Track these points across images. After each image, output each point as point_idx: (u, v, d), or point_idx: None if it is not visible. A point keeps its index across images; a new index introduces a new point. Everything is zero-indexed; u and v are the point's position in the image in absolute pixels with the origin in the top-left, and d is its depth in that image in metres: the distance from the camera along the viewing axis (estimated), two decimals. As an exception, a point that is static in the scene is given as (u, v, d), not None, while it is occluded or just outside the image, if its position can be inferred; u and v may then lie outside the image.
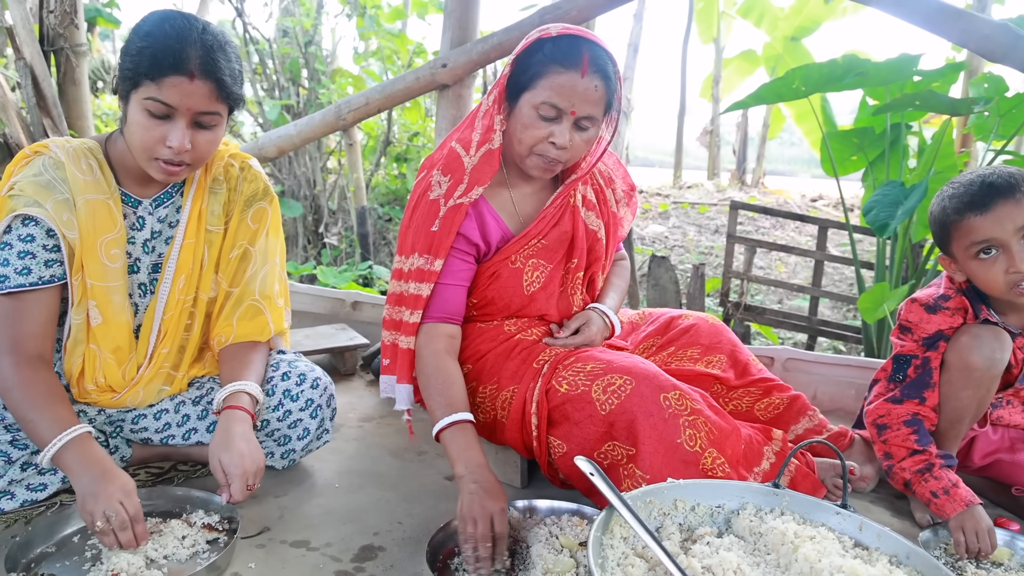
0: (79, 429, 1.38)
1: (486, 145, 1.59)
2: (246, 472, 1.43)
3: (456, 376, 1.58)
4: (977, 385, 1.62)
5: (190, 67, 1.36)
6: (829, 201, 10.00)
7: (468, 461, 1.43)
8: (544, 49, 1.51)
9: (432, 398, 1.54)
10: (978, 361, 1.60)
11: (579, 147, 1.57)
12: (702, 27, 10.52)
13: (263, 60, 6.28)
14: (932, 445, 1.63)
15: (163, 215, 1.63)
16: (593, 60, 1.49)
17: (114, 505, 1.28)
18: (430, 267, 1.59)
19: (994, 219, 1.51)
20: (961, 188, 1.56)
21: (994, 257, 1.54)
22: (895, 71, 3.38)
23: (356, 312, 3.00)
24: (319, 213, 6.66)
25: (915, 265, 3.80)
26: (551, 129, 1.52)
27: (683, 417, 1.43)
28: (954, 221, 1.58)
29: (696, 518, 1.26)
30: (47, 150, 1.51)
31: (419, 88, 3.14)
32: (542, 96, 1.49)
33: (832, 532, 1.18)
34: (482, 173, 1.59)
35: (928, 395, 1.66)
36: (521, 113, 1.54)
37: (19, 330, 1.44)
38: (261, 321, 1.69)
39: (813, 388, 2.47)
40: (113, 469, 1.35)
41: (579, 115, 1.51)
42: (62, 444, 1.35)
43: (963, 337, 1.64)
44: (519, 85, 1.54)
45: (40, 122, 3.32)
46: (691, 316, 1.95)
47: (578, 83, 1.48)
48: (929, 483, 1.59)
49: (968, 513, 1.52)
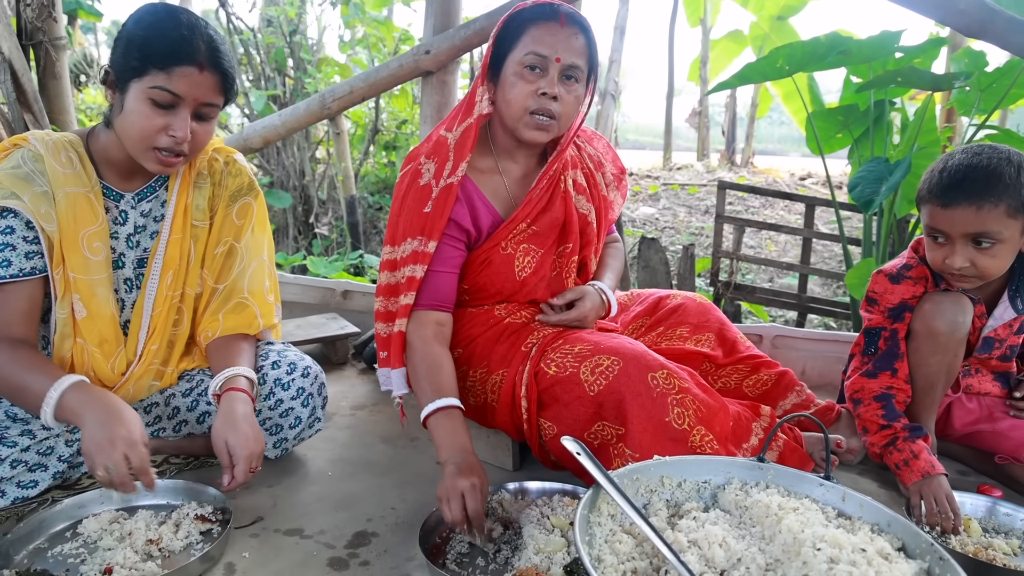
0: (74, 377, 1.38)
1: (466, 120, 1.61)
2: (252, 454, 1.44)
3: (445, 362, 1.58)
4: (944, 350, 1.68)
5: (200, 58, 1.40)
6: (818, 179, 10.03)
7: (452, 446, 1.44)
8: (522, 14, 1.55)
9: (420, 384, 1.55)
10: (941, 326, 1.66)
11: (569, 103, 1.58)
12: (689, 9, 10.46)
13: (248, 50, 6.23)
14: (901, 419, 1.67)
15: (146, 209, 1.62)
16: (570, 16, 1.54)
17: (115, 457, 1.27)
18: (424, 248, 1.60)
19: (949, 216, 1.57)
20: (944, 173, 1.58)
21: (940, 244, 1.62)
22: (877, 48, 3.40)
23: (347, 301, 3.01)
24: (309, 203, 6.64)
25: (901, 240, 3.82)
26: (538, 83, 1.54)
27: (671, 396, 1.45)
28: (922, 198, 1.64)
29: (683, 494, 1.27)
30: (26, 143, 1.51)
31: (403, 75, 3.13)
32: (525, 49, 1.53)
33: (816, 503, 1.19)
34: (462, 147, 1.60)
35: (899, 366, 1.72)
36: (507, 75, 1.57)
37: (2, 318, 1.45)
38: (249, 314, 1.69)
39: (801, 364, 2.49)
40: (121, 411, 1.33)
41: (564, 63, 1.53)
42: (60, 392, 1.35)
43: (925, 305, 1.70)
44: (502, 54, 1.57)
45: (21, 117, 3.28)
46: (679, 296, 1.97)
47: (558, 31, 1.52)
48: (894, 455, 1.64)
49: (925, 481, 1.55)
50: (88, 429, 1.30)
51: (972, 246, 1.57)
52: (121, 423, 1.31)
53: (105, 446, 1.28)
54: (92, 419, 1.31)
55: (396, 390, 1.65)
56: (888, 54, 3.48)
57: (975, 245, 1.57)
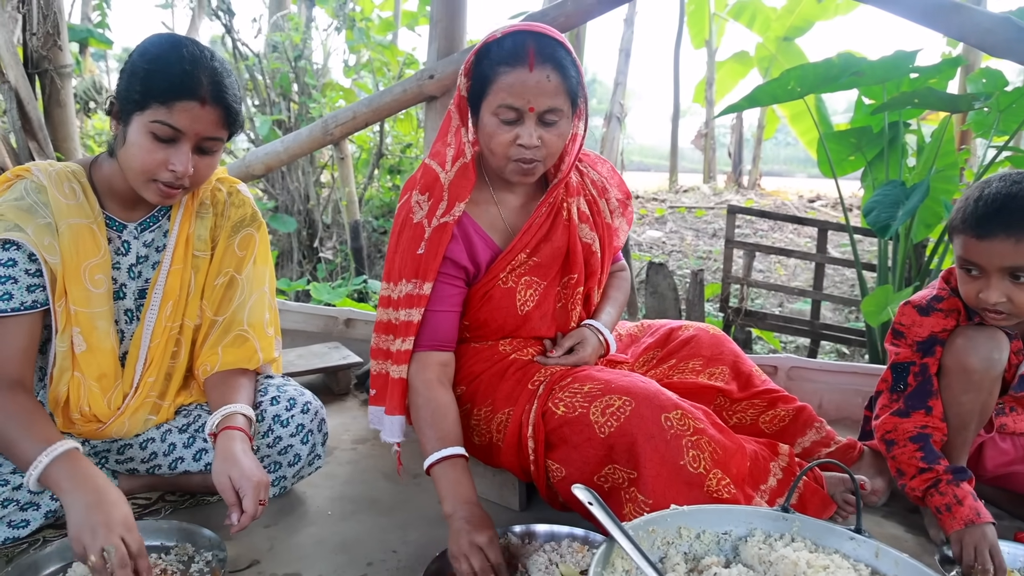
0: (66, 444, 1.32)
1: (460, 160, 1.55)
2: (259, 483, 1.38)
3: (449, 407, 1.52)
4: (978, 388, 1.58)
5: (202, 93, 1.37)
6: (827, 201, 9.98)
7: (457, 498, 1.39)
8: (491, 53, 1.47)
9: (423, 430, 1.50)
10: (975, 363, 1.56)
11: (553, 143, 1.50)
12: (694, 31, 10.52)
13: (253, 76, 6.25)
14: (941, 461, 1.58)
15: (149, 239, 1.60)
16: (540, 51, 1.43)
17: (114, 540, 1.20)
18: (419, 291, 1.54)
19: (985, 248, 1.48)
20: (980, 202, 1.50)
21: (974, 277, 1.53)
22: (891, 69, 3.33)
23: (350, 330, 2.96)
24: (314, 228, 6.63)
25: (918, 266, 3.75)
26: (515, 132, 1.47)
27: (686, 438, 1.38)
28: (955, 228, 1.56)
29: (702, 546, 1.20)
30: (29, 174, 1.50)
31: (407, 100, 3.09)
32: (497, 100, 1.45)
33: (846, 559, 1.12)
34: (460, 188, 1.55)
35: (933, 403, 1.62)
36: (484, 122, 1.50)
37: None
38: (249, 348, 1.65)
39: (819, 397, 2.42)
40: (110, 493, 1.27)
41: (539, 110, 1.45)
42: (49, 460, 1.29)
43: (958, 339, 1.60)
44: (476, 95, 1.51)
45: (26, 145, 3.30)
46: (691, 327, 1.90)
47: (527, 78, 1.43)
48: (935, 499, 1.55)
49: (968, 530, 1.47)
50: (75, 511, 1.24)
51: (1009, 280, 1.48)
52: (114, 506, 1.25)
53: (100, 530, 1.21)
54: (79, 501, 1.25)
55: (390, 436, 1.60)
56: (903, 75, 3.42)
57: (1012, 279, 1.48)
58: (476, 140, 1.56)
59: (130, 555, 1.21)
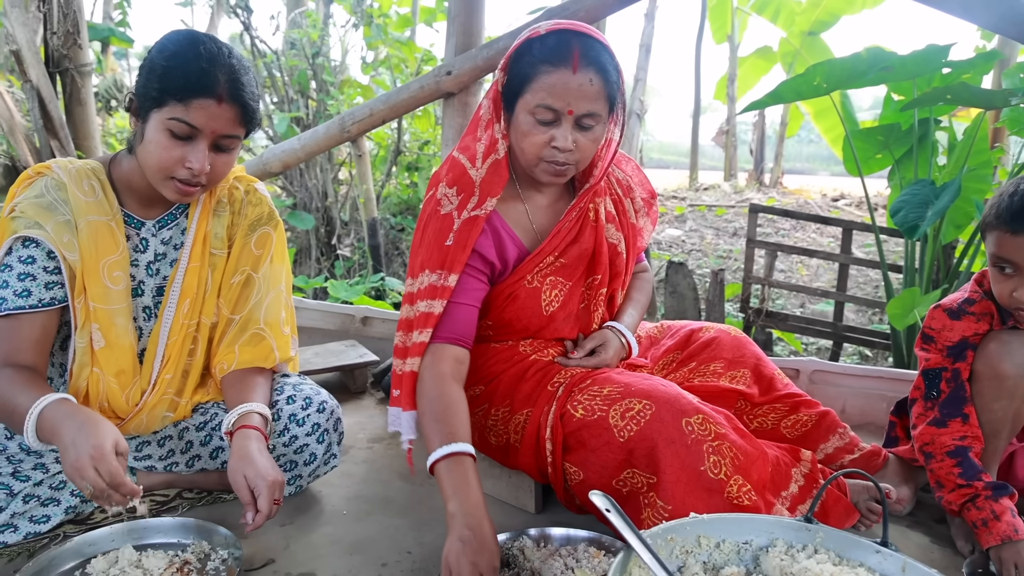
0: (56, 395, 1.33)
1: (492, 156, 1.52)
2: (275, 482, 1.38)
3: (459, 403, 1.44)
4: (1011, 395, 1.54)
5: (219, 91, 1.38)
6: (852, 200, 9.85)
7: (463, 500, 1.28)
8: (533, 50, 1.43)
9: (429, 425, 1.41)
10: (1009, 369, 1.52)
11: (586, 148, 1.47)
12: (716, 25, 10.39)
13: (271, 73, 6.27)
14: (982, 476, 1.53)
15: (167, 237, 1.61)
16: (584, 53, 1.39)
17: (90, 476, 1.22)
18: (443, 283, 1.50)
19: (1020, 245, 1.45)
20: (1016, 197, 1.46)
21: (1008, 275, 1.50)
22: (923, 64, 3.23)
23: (366, 328, 2.95)
24: (331, 225, 6.64)
25: (947, 268, 3.67)
26: (551, 133, 1.44)
27: (707, 443, 1.35)
28: (989, 224, 1.52)
29: (721, 556, 1.17)
30: (49, 171, 1.51)
31: (424, 97, 3.08)
32: (536, 100, 1.41)
33: (872, 574, 1.08)
34: (492, 185, 1.52)
35: (968, 410, 1.57)
36: (519, 120, 1.46)
37: (11, 345, 1.43)
38: (265, 347, 1.65)
39: (842, 401, 2.37)
40: (90, 422, 1.27)
41: (578, 113, 1.42)
42: (41, 408, 1.30)
43: (991, 344, 1.56)
44: (513, 91, 1.47)
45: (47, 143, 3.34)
46: (712, 328, 1.87)
47: (570, 80, 1.39)
48: (972, 512, 1.51)
49: (1005, 547, 1.43)
50: (65, 452, 1.25)
51: None
52: (89, 438, 1.25)
53: (80, 466, 1.22)
54: (66, 438, 1.26)
55: (405, 434, 1.54)
56: (934, 70, 3.31)
57: None
58: (507, 135, 1.53)
59: (108, 486, 1.23)
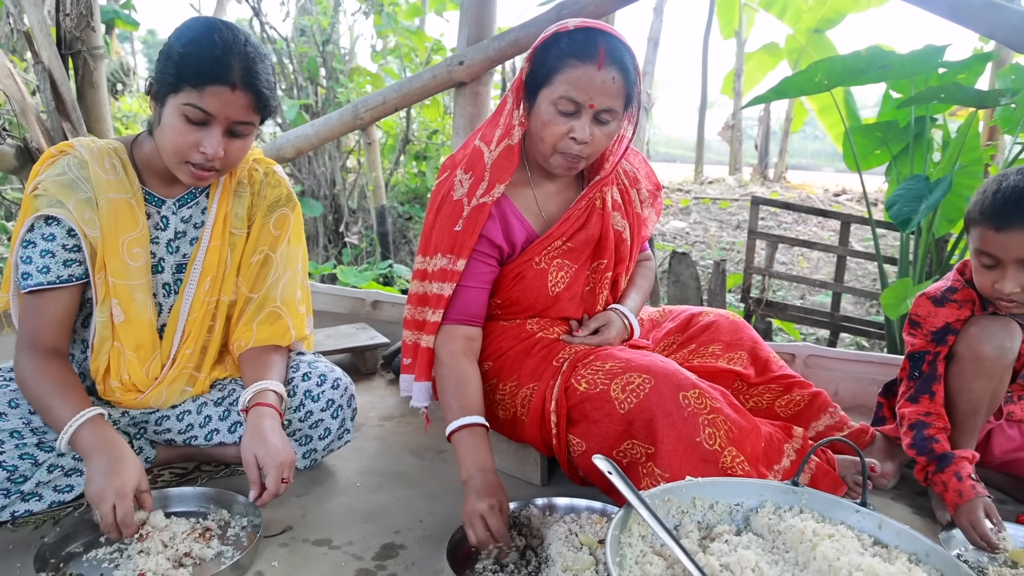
0: (92, 411, 1.43)
1: (505, 141, 1.60)
2: (283, 463, 1.45)
3: (472, 378, 1.58)
4: (989, 375, 1.62)
5: (233, 78, 1.39)
6: (852, 195, 9.89)
7: (473, 464, 1.44)
8: (560, 43, 1.50)
9: (446, 400, 1.55)
10: (988, 351, 1.61)
11: (600, 141, 1.55)
12: (723, 21, 10.39)
13: (281, 60, 6.30)
14: (928, 449, 1.62)
15: (187, 215, 1.65)
16: (610, 52, 1.48)
17: (105, 508, 1.32)
18: (452, 267, 1.60)
19: (1003, 240, 1.52)
20: (998, 194, 1.53)
21: (989, 268, 1.58)
22: (920, 63, 3.31)
23: (376, 311, 3.02)
24: (339, 212, 6.69)
25: (939, 260, 3.74)
26: (571, 124, 1.51)
27: (702, 416, 1.43)
28: (973, 219, 1.59)
29: (715, 516, 1.25)
30: (72, 149, 1.55)
31: (436, 86, 3.13)
32: (559, 91, 1.49)
33: (851, 530, 1.17)
34: (502, 169, 1.59)
35: (936, 388, 1.67)
36: (540, 110, 1.54)
37: (36, 325, 1.50)
38: (282, 326, 1.71)
39: (835, 384, 2.45)
40: (121, 460, 1.38)
41: (598, 108, 1.50)
42: (77, 426, 1.40)
43: (972, 328, 1.65)
44: (536, 82, 1.54)
45: (60, 126, 3.32)
46: (711, 313, 1.94)
47: (595, 75, 1.47)
48: (935, 485, 1.61)
49: (958, 512, 1.53)
50: (91, 480, 1.36)
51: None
52: (117, 474, 1.36)
53: (103, 499, 1.33)
54: (96, 467, 1.37)
55: (417, 402, 1.67)
56: (931, 69, 3.39)
57: None
58: (524, 122, 1.60)
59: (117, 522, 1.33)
